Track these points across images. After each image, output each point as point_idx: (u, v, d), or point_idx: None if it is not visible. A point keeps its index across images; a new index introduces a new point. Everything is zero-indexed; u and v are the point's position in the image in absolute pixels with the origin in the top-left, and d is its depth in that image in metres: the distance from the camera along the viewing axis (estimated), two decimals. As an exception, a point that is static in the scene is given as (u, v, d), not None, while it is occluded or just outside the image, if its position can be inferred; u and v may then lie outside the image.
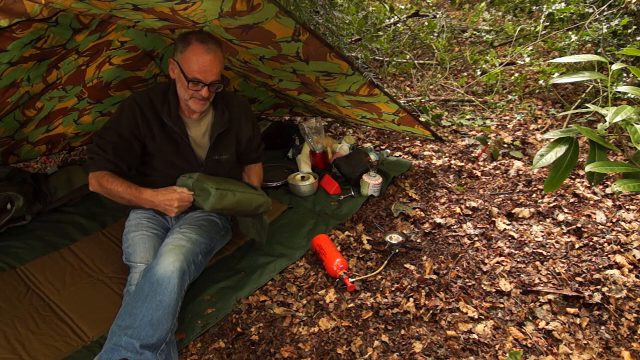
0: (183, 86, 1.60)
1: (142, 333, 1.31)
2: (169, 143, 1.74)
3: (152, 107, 1.69)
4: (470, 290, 1.65)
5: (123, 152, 1.70)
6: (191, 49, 1.53)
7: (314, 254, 1.89)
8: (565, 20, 3.39)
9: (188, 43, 1.54)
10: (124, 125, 1.68)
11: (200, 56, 1.53)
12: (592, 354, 1.36)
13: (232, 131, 1.84)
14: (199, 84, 1.57)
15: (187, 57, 1.54)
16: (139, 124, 1.68)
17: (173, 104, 1.70)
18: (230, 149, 1.85)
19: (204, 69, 1.55)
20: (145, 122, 1.69)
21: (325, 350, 1.45)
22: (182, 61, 1.56)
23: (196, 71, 1.55)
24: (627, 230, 1.88)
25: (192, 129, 1.77)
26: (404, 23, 4.58)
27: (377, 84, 2.10)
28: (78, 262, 1.93)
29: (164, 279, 1.42)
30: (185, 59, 1.55)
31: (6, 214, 2.10)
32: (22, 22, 1.47)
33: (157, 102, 1.70)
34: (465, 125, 3.11)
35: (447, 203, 2.23)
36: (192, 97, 1.62)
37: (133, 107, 1.68)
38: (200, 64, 1.54)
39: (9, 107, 1.97)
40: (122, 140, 1.69)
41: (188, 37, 1.55)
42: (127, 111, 1.68)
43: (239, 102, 1.89)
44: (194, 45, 1.53)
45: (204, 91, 1.59)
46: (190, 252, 1.57)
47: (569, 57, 1.45)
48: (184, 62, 1.55)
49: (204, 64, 1.54)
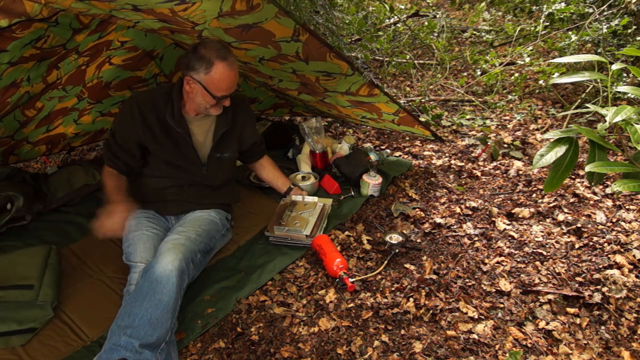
0: (208, 102, 1.64)
1: (142, 332, 1.31)
2: (170, 143, 1.75)
3: (154, 107, 1.71)
4: (470, 290, 1.65)
5: (121, 154, 1.76)
6: (216, 70, 1.56)
7: (314, 254, 1.89)
8: (565, 20, 3.39)
9: (210, 63, 1.55)
10: (124, 127, 1.72)
11: (227, 75, 1.58)
12: (592, 354, 1.36)
13: (236, 129, 1.87)
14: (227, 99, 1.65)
15: (214, 79, 1.57)
16: (138, 126, 1.70)
17: (177, 105, 1.71)
18: (232, 147, 1.89)
19: (232, 84, 1.62)
20: (145, 124, 1.70)
21: (325, 350, 1.45)
22: (207, 82, 1.59)
23: (225, 89, 1.61)
24: (627, 230, 1.88)
25: (194, 127, 1.78)
26: (404, 23, 4.58)
27: (377, 84, 2.10)
28: (78, 262, 1.92)
29: (162, 278, 1.42)
30: (211, 80, 1.58)
31: (6, 214, 2.10)
32: (22, 22, 1.47)
33: (160, 102, 1.71)
34: (465, 125, 3.11)
35: (447, 203, 2.23)
36: (214, 106, 1.67)
37: (132, 109, 1.69)
38: (228, 83, 1.60)
39: (9, 107, 1.97)
40: (121, 142, 1.74)
41: (208, 57, 1.55)
42: (127, 113, 1.71)
43: (240, 99, 1.92)
44: (217, 65, 1.55)
45: (228, 101, 1.67)
46: (190, 251, 1.58)
47: (569, 57, 1.45)
48: (210, 84, 1.59)
49: (230, 82, 1.61)
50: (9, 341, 1.49)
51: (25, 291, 1.58)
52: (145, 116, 1.70)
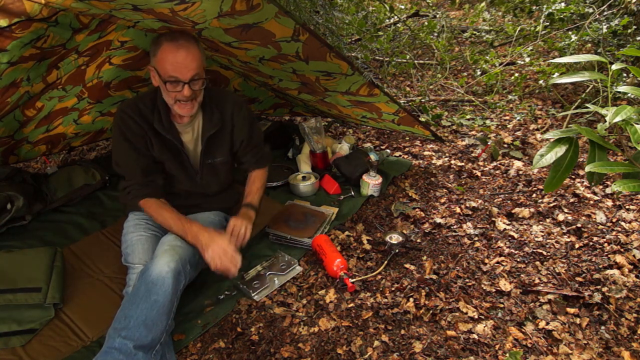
0: (165, 91, 1.55)
1: (136, 334, 1.31)
2: (166, 151, 1.70)
3: (142, 115, 1.64)
4: (470, 290, 1.65)
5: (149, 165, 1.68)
6: (162, 50, 1.50)
7: (314, 254, 1.89)
8: (565, 20, 3.38)
9: (159, 45, 1.51)
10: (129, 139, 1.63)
11: (172, 54, 1.48)
12: (592, 354, 1.36)
13: (225, 131, 1.77)
14: (178, 84, 1.51)
15: (160, 59, 1.50)
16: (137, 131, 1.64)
17: (163, 110, 1.65)
18: (223, 151, 1.80)
19: (177, 66, 1.49)
20: (141, 129, 1.65)
21: (325, 350, 1.45)
22: (157, 64, 1.53)
23: (170, 70, 1.50)
24: (627, 230, 1.88)
25: (184, 134, 1.72)
26: (404, 23, 4.59)
27: (377, 84, 2.10)
28: (78, 262, 1.92)
29: (158, 280, 1.40)
30: (159, 61, 1.51)
31: (6, 214, 2.10)
32: (22, 21, 1.47)
33: (146, 110, 1.65)
34: (465, 125, 3.11)
35: (447, 203, 2.23)
36: (176, 101, 1.56)
37: (126, 120, 1.63)
38: (172, 62, 1.49)
39: (9, 107, 1.97)
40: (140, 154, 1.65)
41: (158, 40, 1.52)
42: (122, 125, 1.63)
43: (232, 100, 1.79)
44: (164, 45, 1.50)
45: (186, 90, 1.51)
46: (186, 252, 1.54)
47: (569, 57, 1.45)
48: (159, 65, 1.52)
49: (176, 61, 1.49)
50: (9, 341, 1.49)
51: (34, 294, 1.59)
52: (140, 124, 1.64)
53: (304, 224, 2.03)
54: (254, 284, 1.73)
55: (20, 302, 1.57)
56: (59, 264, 1.76)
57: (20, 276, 1.63)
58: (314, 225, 2.01)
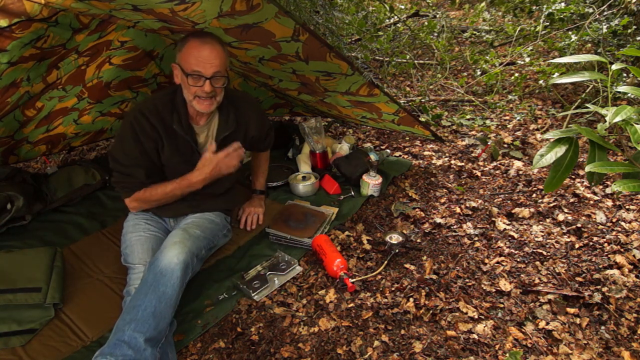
0: (186, 86, 1.58)
1: (145, 325, 1.31)
2: (177, 152, 1.71)
3: (160, 115, 1.65)
4: (470, 290, 1.65)
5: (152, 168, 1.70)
6: (188, 45, 1.54)
7: (314, 254, 1.89)
8: (565, 20, 3.39)
9: (185, 41, 1.55)
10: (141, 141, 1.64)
11: (197, 49, 1.52)
12: (592, 354, 1.36)
13: (239, 132, 1.82)
14: (200, 79, 1.54)
15: (185, 54, 1.54)
16: (150, 133, 1.64)
17: (183, 111, 1.67)
18: None
19: (201, 60, 1.52)
20: (155, 132, 1.66)
21: (325, 350, 1.45)
22: (181, 60, 1.56)
23: (194, 64, 1.52)
24: (627, 230, 1.88)
25: (200, 135, 1.75)
26: (404, 23, 4.59)
27: (377, 84, 2.10)
28: (78, 262, 1.92)
29: (167, 271, 1.42)
30: (183, 56, 1.55)
31: (6, 214, 2.10)
32: (22, 21, 1.47)
33: (164, 110, 1.66)
34: (465, 125, 3.11)
35: (447, 203, 2.23)
36: (196, 97, 1.58)
37: (140, 119, 1.63)
38: (197, 57, 1.52)
39: (9, 107, 1.97)
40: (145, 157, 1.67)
41: (186, 37, 1.56)
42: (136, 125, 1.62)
43: (247, 101, 1.86)
44: (190, 41, 1.54)
45: (207, 85, 1.54)
46: (195, 246, 1.59)
47: (569, 57, 1.45)
48: (183, 60, 1.55)
49: (201, 56, 1.52)
50: (9, 341, 1.49)
51: (34, 294, 1.59)
52: (154, 124, 1.64)
53: (304, 224, 2.03)
54: (254, 284, 1.72)
55: (20, 302, 1.57)
56: (59, 264, 1.76)
57: (20, 276, 1.63)
58: (314, 225, 2.01)
